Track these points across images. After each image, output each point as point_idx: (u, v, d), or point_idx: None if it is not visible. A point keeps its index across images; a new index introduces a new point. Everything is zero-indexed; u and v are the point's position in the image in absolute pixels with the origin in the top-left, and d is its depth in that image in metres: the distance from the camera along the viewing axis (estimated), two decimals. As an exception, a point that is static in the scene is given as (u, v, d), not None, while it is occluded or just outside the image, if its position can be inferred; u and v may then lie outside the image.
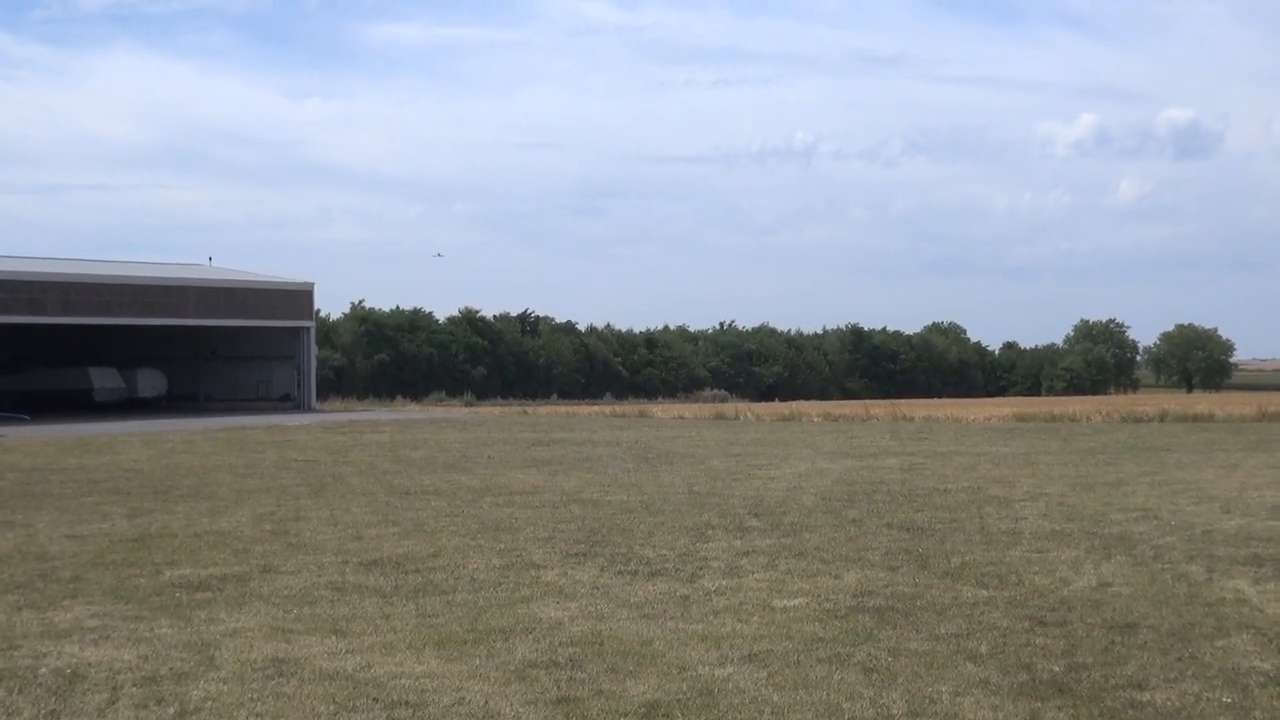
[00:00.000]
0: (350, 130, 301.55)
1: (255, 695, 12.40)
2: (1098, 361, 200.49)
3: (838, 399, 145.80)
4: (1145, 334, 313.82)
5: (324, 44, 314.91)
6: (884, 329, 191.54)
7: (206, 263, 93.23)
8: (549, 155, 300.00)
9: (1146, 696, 12.38)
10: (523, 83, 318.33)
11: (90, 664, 13.56)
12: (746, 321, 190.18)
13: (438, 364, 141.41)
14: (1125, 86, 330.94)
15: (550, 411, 76.43)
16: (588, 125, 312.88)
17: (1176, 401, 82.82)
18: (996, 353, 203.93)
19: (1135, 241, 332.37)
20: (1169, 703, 12.21)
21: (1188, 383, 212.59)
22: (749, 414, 67.69)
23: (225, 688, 12.65)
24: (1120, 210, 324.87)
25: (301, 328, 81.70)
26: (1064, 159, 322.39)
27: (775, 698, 12.26)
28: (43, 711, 12.03)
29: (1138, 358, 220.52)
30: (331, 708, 12.02)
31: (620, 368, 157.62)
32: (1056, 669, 13.28)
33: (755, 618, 15.52)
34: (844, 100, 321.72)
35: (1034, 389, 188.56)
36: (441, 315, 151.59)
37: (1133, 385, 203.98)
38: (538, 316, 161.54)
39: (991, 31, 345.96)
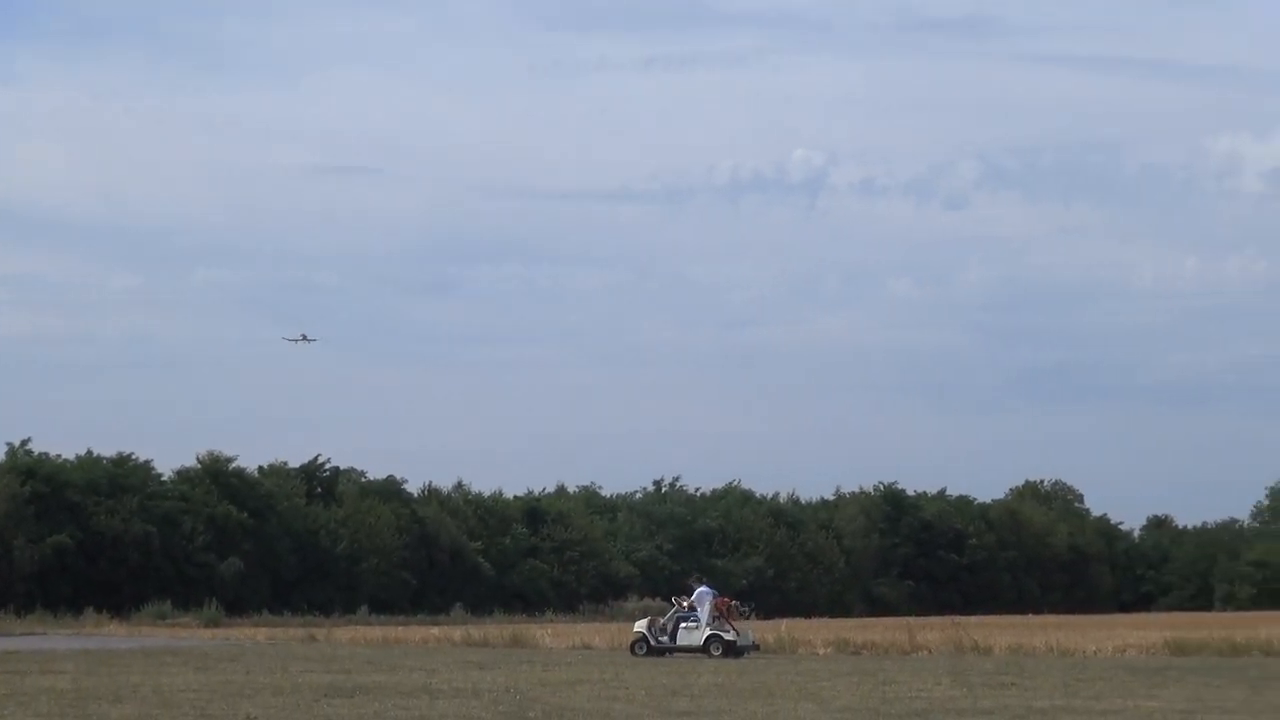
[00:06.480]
0: (7, 136, 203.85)
1: None
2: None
3: (860, 614, 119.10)
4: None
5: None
6: (940, 493, 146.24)
7: None
8: (362, 189, 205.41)
9: None
10: (317, 62, 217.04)
11: None
12: (701, 480, 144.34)
13: (160, 552, 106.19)
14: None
15: (357, 636, 70.09)
16: (431, 136, 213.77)
17: None
18: (1137, 536, 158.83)
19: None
20: None
21: None
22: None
23: None
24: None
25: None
26: (1257, 199, 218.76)
27: None
28: None
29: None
30: None
31: (481, 560, 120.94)
32: None
33: None
34: (878, 94, 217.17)
35: (1201, 598, 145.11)
36: (168, 467, 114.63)
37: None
38: (335, 469, 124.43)
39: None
